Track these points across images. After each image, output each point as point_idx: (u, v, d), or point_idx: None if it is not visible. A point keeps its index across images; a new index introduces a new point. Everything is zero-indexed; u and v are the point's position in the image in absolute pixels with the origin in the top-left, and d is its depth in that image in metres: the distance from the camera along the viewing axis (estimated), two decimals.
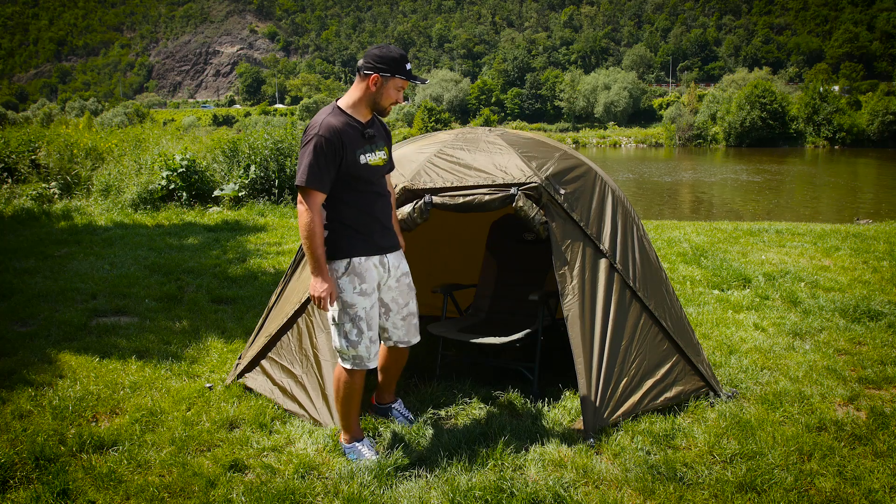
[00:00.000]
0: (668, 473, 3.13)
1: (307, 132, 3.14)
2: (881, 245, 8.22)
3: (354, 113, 3.23)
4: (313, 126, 3.14)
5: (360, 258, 3.24)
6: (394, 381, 3.76)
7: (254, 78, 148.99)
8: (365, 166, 3.21)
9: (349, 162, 3.15)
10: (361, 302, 3.24)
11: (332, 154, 3.10)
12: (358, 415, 3.41)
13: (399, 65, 3.18)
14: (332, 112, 3.20)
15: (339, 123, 3.14)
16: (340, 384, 3.33)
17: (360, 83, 3.22)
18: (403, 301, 3.44)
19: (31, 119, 57.97)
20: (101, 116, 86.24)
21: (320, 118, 3.16)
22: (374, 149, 3.27)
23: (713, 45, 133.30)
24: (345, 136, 3.13)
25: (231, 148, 12.29)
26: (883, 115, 61.31)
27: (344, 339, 3.26)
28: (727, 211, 20.68)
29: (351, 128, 3.18)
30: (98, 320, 5.53)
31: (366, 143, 3.23)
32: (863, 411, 3.82)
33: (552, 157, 3.94)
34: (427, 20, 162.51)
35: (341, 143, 3.12)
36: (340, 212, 3.22)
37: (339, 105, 3.25)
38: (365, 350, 3.27)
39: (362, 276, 3.24)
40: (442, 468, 3.20)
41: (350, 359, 3.28)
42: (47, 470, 3.18)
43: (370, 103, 3.25)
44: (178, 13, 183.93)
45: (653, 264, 4.10)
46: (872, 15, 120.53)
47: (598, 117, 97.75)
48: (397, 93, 3.24)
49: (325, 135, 3.08)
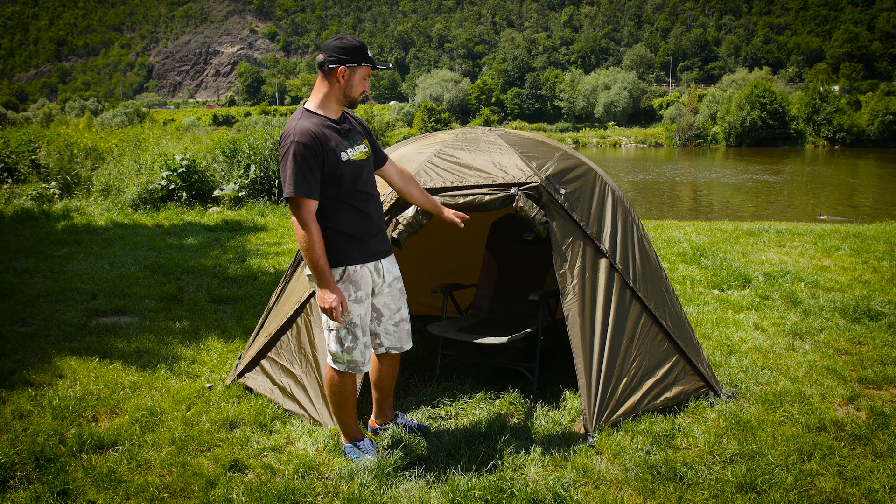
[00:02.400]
0: (668, 473, 3.13)
1: (282, 142, 3.05)
2: (881, 245, 8.22)
3: (325, 112, 3.14)
4: (287, 134, 3.04)
5: (355, 266, 3.18)
6: (390, 397, 3.63)
7: (254, 78, 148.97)
8: (348, 163, 3.11)
9: (331, 162, 3.05)
10: (356, 309, 3.20)
11: (312, 158, 2.99)
12: (355, 416, 3.40)
13: (362, 53, 3.12)
14: (302, 116, 3.10)
15: (312, 126, 3.04)
16: (332, 389, 3.29)
17: (325, 79, 3.13)
18: (395, 306, 3.38)
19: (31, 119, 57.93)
20: (101, 116, 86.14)
21: (292, 124, 3.07)
22: (352, 143, 3.18)
23: (713, 45, 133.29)
24: (321, 136, 3.03)
25: (231, 148, 12.30)
26: (883, 115, 61.29)
27: (338, 345, 3.22)
28: (727, 211, 20.68)
29: (326, 127, 3.08)
30: (98, 320, 5.53)
31: (343, 140, 3.14)
32: (863, 411, 3.82)
33: (552, 156, 3.94)
34: (427, 20, 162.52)
35: (320, 145, 3.02)
36: (332, 218, 3.13)
37: (307, 108, 3.15)
38: (360, 355, 3.25)
39: (357, 283, 3.18)
40: (442, 468, 3.20)
41: (345, 363, 3.25)
42: (47, 470, 3.18)
43: (339, 98, 3.16)
44: (178, 13, 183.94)
45: (653, 264, 4.10)
46: (872, 15, 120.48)
47: (598, 117, 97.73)
48: (364, 82, 3.17)
49: (301, 140, 2.99)
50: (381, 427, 3.64)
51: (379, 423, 3.65)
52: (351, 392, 3.31)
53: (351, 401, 3.33)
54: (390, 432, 3.56)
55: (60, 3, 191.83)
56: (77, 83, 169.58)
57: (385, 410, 3.64)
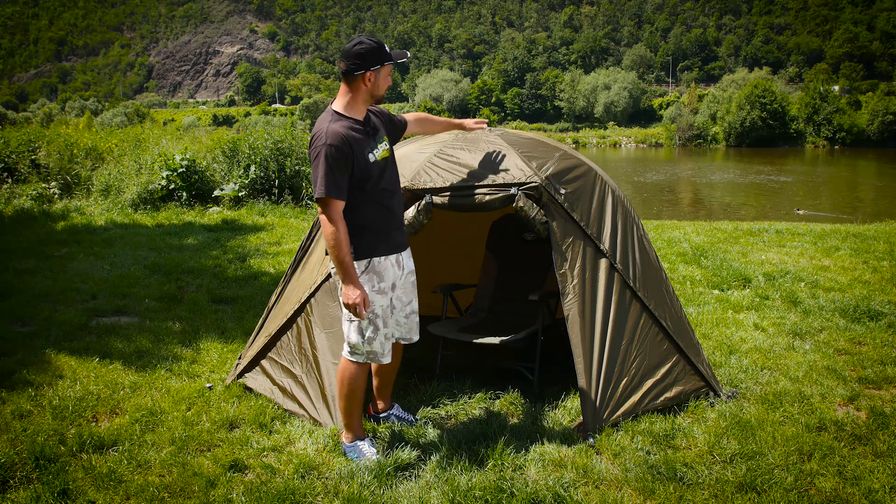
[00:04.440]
0: (668, 473, 3.13)
1: (313, 143, 3.15)
2: (881, 245, 8.22)
3: (352, 114, 3.25)
4: (318, 136, 3.13)
5: (379, 258, 3.28)
6: (388, 386, 3.74)
7: (254, 78, 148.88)
8: (374, 164, 3.24)
9: (360, 165, 3.18)
10: (379, 300, 3.28)
11: (343, 160, 3.10)
12: (360, 413, 3.43)
13: (382, 53, 3.22)
14: (332, 118, 3.20)
15: (342, 129, 3.15)
16: (345, 379, 3.34)
17: (352, 84, 3.22)
18: (407, 299, 3.49)
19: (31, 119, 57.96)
20: (101, 116, 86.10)
21: (324, 126, 3.16)
22: (377, 143, 3.30)
23: (713, 45, 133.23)
24: (351, 139, 3.15)
25: (231, 148, 12.29)
26: (883, 115, 61.28)
27: (359, 336, 3.28)
28: (727, 211, 20.67)
29: (355, 130, 3.20)
30: (98, 320, 5.53)
31: (371, 140, 3.26)
32: (863, 411, 3.82)
33: (552, 156, 3.94)
34: (427, 20, 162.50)
35: (350, 148, 3.13)
36: (358, 214, 3.23)
37: (336, 110, 3.25)
38: (380, 346, 3.32)
39: (381, 274, 3.28)
40: (442, 468, 3.20)
41: (364, 354, 3.31)
42: (47, 470, 3.18)
43: (367, 99, 3.28)
44: (178, 13, 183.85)
45: (653, 264, 4.10)
46: (872, 15, 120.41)
47: (598, 117, 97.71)
48: (388, 78, 3.32)
49: (333, 143, 3.09)
50: (379, 414, 3.74)
51: (376, 411, 3.76)
52: (362, 386, 3.37)
53: (360, 394, 3.38)
54: (390, 431, 3.57)
55: (60, 3, 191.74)
56: (77, 83, 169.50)
57: (381, 401, 3.75)
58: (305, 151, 11.99)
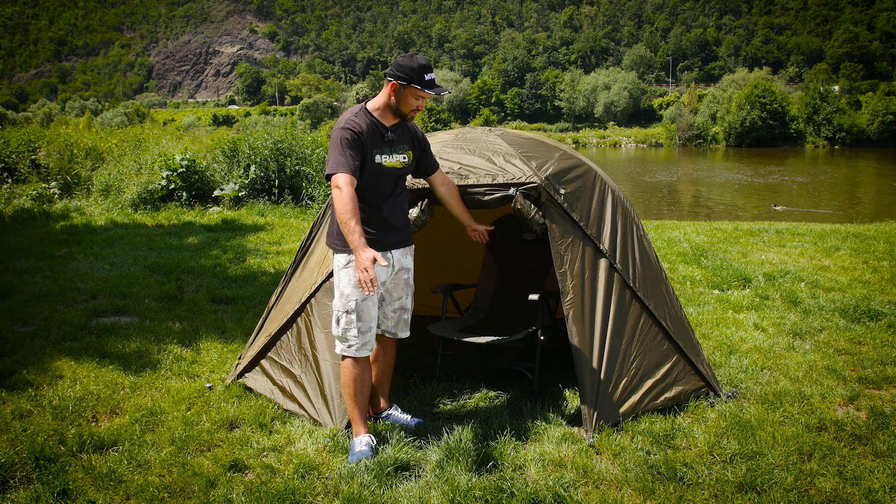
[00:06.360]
0: (668, 473, 3.13)
1: (333, 130, 3.29)
2: (881, 245, 8.22)
3: (380, 116, 3.36)
4: (338, 123, 3.29)
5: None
6: (385, 385, 3.76)
7: (254, 78, 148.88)
8: (379, 166, 3.31)
9: (366, 160, 3.27)
10: (354, 294, 3.31)
11: (355, 144, 3.21)
12: (365, 412, 3.45)
13: (417, 75, 3.24)
14: (358, 112, 3.34)
15: (361, 121, 3.28)
16: (346, 376, 3.39)
17: (385, 88, 3.35)
18: (397, 295, 3.54)
19: (31, 119, 57.86)
20: (101, 116, 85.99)
21: (345, 116, 3.32)
22: (392, 151, 3.36)
23: (713, 45, 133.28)
24: (366, 134, 3.26)
25: (231, 148, 12.29)
26: (883, 115, 61.31)
27: (339, 327, 3.37)
28: (727, 211, 20.67)
29: (373, 128, 3.30)
30: (98, 320, 5.53)
31: (385, 145, 3.33)
32: (863, 411, 3.82)
33: (552, 156, 3.94)
34: (427, 20, 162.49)
35: (361, 139, 3.24)
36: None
37: (366, 107, 3.38)
38: (355, 338, 3.35)
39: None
40: (442, 468, 3.20)
41: (344, 342, 3.38)
42: (47, 470, 3.18)
43: (391, 108, 3.36)
44: (178, 13, 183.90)
45: (653, 264, 4.10)
46: (872, 15, 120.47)
47: (598, 117, 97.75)
48: (416, 101, 3.32)
49: (347, 127, 3.23)
50: (375, 415, 3.74)
51: (376, 411, 3.75)
52: (365, 381, 3.41)
53: (365, 391, 3.41)
54: (391, 432, 3.56)
55: (60, 3, 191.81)
56: (77, 83, 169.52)
57: (378, 401, 3.75)
58: (305, 151, 12.01)
